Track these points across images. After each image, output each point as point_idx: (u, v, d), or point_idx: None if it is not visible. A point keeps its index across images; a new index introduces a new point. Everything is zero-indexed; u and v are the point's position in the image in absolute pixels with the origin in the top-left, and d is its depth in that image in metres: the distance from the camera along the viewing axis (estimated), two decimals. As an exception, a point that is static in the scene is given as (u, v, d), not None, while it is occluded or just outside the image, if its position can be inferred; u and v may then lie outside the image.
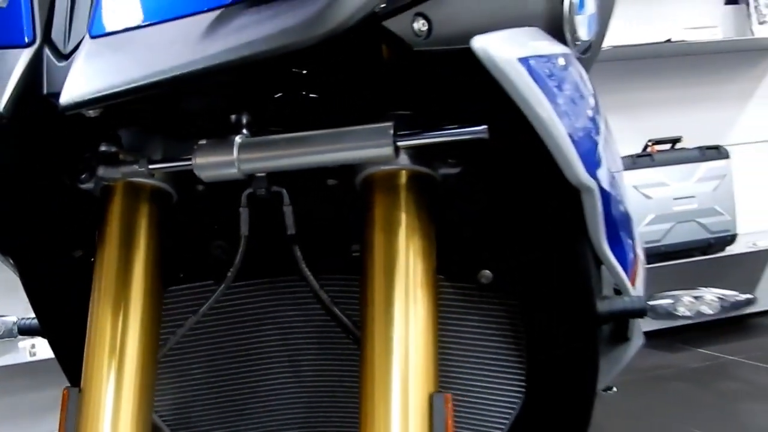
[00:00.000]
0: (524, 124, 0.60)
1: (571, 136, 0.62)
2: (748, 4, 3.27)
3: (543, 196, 0.71)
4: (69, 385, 0.74)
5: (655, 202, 3.01)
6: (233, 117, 0.67)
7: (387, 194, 0.71)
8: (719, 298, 0.73)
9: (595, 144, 0.68)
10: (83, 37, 0.52)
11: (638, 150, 3.14)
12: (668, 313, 0.75)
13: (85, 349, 0.71)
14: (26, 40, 0.52)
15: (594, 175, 0.66)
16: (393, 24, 0.58)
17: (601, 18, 0.82)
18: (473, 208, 0.75)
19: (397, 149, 0.63)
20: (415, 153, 0.69)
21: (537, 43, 0.65)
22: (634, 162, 3.02)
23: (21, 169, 0.72)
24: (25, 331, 0.91)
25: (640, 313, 0.76)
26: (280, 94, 0.70)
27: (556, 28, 0.72)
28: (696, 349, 3.19)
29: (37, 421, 2.67)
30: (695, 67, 3.38)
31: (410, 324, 0.68)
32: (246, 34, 0.50)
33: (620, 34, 3.08)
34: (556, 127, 0.58)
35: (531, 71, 0.60)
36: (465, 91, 0.62)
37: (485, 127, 0.61)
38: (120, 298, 0.72)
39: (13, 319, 0.93)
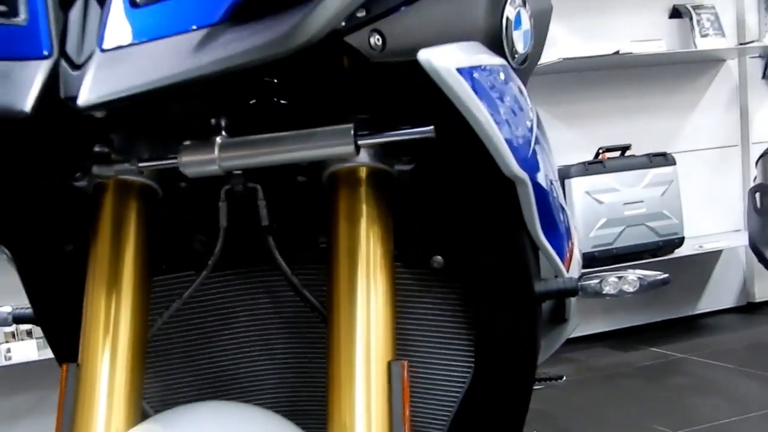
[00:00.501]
0: (466, 125, 0.69)
1: (510, 141, 0.72)
2: (691, 18, 3.41)
3: (485, 191, 0.80)
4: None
5: (607, 207, 3.12)
6: (213, 120, 0.76)
7: (349, 189, 0.80)
8: (639, 278, 0.84)
9: (529, 145, 0.78)
10: (93, 51, 0.60)
11: (590, 157, 3.26)
12: (596, 292, 0.85)
13: (82, 330, 0.79)
14: (45, 53, 0.61)
15: (529, 172, 0.76)
16: (352, 39, 0.67)
17: (537, 33, 0.92)
18: (425, 201, 0.84)
19: (357, 148, 0.73)
20: (374, 152, 0.79)
21: (477, 55, 0.75)
22: (586, 168, 3.13)
23: (23, 168, 0.80)
24: (20, 319, 0.99)
25: (573, 292, 0.86)
26: (254, 101, 0.79)
27: (496, 42, 0.82)
28: (649, 348, 3.31)
29: (12, 426, 2.70)
30: (643, 78, 3.51)
31: (371, 302, 0.77)
32: (229, 49, 0.59)
33: (571, 47, 3.21)
34: (491, 126, 0.68)
35: (471, 80, 0.70)
36: (416, 97, 0.72)
37: (432, 127, 0.71)
38: (112, 285, 0.80)
39: (8, 309, 1.00)
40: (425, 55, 0.65)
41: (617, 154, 3.26)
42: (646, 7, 3.49)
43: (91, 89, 0.57)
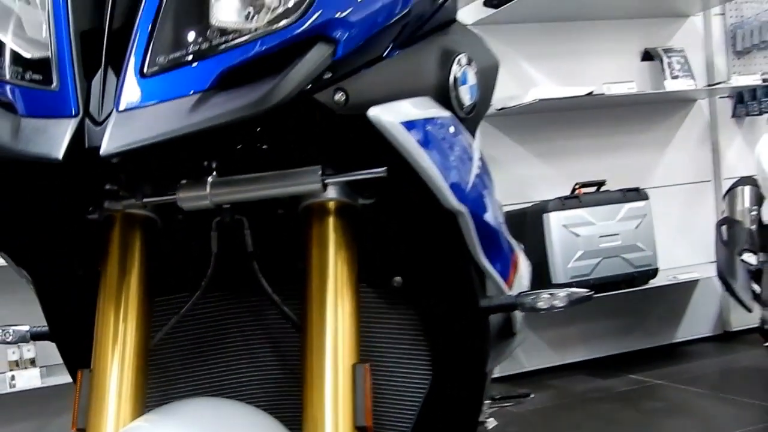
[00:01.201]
0: (411, 167, 0.84)
1: (450, 180, 0.87)
2: (661, 61, 3.60)
3: (435, 221, 0.95)
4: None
5: (583, 240, 3.27)
6: (206, 163, 0.90)
7: (320, 220, 0.94)
8: (567, 294, 0.97)
9: (469, 182, 0.93)
10: (111, 111, 0.75)
11: (567, 192, 3.42)
12: (531, 307, 0.98)
13: (94, 341, 0.93)
14: (72, 112, 0.75)
15: (469, 206, 0.90)
16: (320, 96, 0.81)
17: (484, 86, 1.06)
18: (385, 230, 0.98)
19: (324, 186, 0.87)
20: (340, 188, 0.93)
21: (426, 110, 0.90)
22: (563, 203, 3.28)
23: (46, 204, 0.95)
24: (37, 336, 1.12)
25: (512, 307, 1.00)
26: (240, 146, 0.93)
27: (445, 96, 0.97)
28: (627, 375, 3.44)
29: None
30: (618, 117, 3.69)
31: (338, 315, 0.91)
32: (217, 109, 0.74)
33: (547, 89, 3.39)
34: (431, 167, 0.83)
35: (421, 130, 0.84)
36: (373, 143, 0.86)
37: (384, 168, 0.85)
38: (120, 303, 0.94)
39: (26, 327, 1.14)
40: (374, 112, 0.80)
41: (593, 189, 3.42)
42: (619, 51, 3.68)
43: (110, 141, 0.72)
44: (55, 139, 0.74)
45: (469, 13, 3.40)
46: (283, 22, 0.75)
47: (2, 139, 0.77)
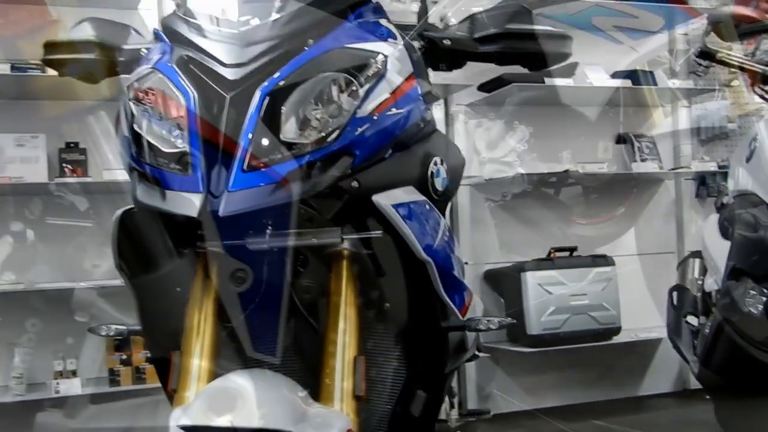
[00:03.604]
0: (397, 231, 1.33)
1: (421, 240, 1.34)
2: (632, 145, 4.08)
3: (412, 268, 1.41)
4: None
5: (555, 297, 3.69)
6: (264, 220, 1.38)
7: (338, 262, 1.41)
8: (499, 320, 1.45)
9: (435, 241, 1.40)
10: (224, 190, 1.24)
11: (542, 255, 3.84)
12: (475, 328, 1.46)
13: (184, 333, 1.39)
14: (200, 189, 1.22)
15: (434, 258, 1.37)
16: (342, 184, 1.29)
17: (452, 177, 1.55)
18: (380, 271, 1.45)
19: (342, 240, 1.35)
20: (352, 242, 1.40)
21: (409, 195, 1.38)
22: (539, 264, 3.71)
23: (155, 245, 1.43)
24: (132, 333, 1.58)
25: (462, 327, 1.47)
26: (287, 210, 1.40)
27: (423, 185, 1.46)
28: (591, 421, 3.81)
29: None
30: (592, 191, 4.13)
31: (346, 324, 1.36)
32: (285, 193, 1.23)
33: (530, 165, 3.87)
34: (410, 233, 1.29)
35: (406, 209, 1.33)
36: (374, 215, 1.34)
37: (381, 231, 1.34)
38: (201, 308, 1.40)
39: (124, 327, 1.59)
40: (376, 198, 1.29)
41: (566, 253, 3.84)
42: (595, 134, 4.14)
43: (225, 207, 1.20)
44: (191, 204, 1.23)
45: (465, 96, 3.92)
46: (323, 144, 1.25)
47: (156, 202, 1.27)
